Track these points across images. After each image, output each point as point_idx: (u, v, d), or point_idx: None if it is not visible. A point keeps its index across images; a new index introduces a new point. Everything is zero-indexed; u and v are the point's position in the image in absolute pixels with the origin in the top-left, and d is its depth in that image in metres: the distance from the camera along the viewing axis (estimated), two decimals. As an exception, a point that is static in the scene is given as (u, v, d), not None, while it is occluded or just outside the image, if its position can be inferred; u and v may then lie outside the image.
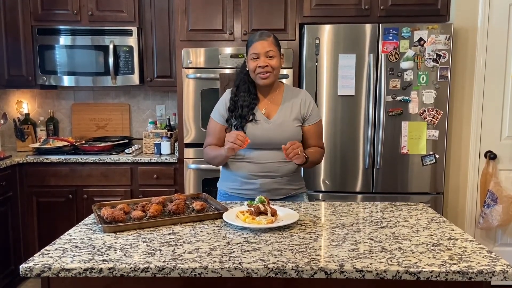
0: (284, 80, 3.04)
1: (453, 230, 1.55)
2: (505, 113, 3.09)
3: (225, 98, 2.05)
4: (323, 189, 3.07)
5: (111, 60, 3.39)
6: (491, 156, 3.08)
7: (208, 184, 3.10)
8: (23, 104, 3.82)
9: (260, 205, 1.59)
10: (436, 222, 1.65)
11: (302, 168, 3.00)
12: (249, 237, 1.47)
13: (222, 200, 2.01)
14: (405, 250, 1.35)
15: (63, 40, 3.42)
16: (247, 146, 1.95)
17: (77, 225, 1.60)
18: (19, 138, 3.60)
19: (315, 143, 2.06)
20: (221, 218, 1.64)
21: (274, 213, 1.59)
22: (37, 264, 1.24)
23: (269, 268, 1.21)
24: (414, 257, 1.29)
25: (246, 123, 1.96)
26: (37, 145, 3.49)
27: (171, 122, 3.72)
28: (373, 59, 2.94)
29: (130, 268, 1.22)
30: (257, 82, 1.98)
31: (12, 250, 3.19)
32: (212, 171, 3.07)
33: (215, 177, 2.21)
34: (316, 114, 2.06)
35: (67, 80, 3.48)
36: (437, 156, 3.00)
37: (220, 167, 2.14)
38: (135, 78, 3.46)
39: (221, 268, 1.22)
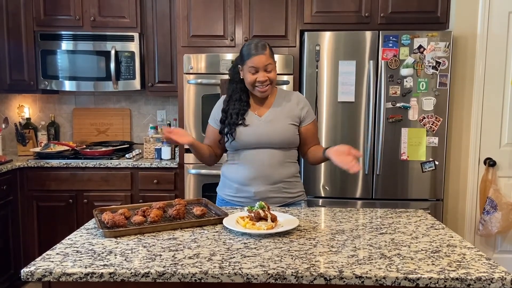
0: (284, 86, 3.06)
1: (452, 237, 1.56)
2: (505, 120, 3.10)
3: (219, 106, 2.08)
4: (323, 195, 3.07)
5: (112, 65, 3.41)
6: (490, 163, 3.08)
7: (208, 189, 3.11)
8: (24, 108, 3.83)
9: (260, 211, 1.59)
10: (435, 229, 1.66)
11: (302, 175, 3.03)
12: (249, 242, 1.47)
13: (221, 206, 2.02)
14: (404, 256, 1.36)
15: (65, 45, 3.45)
16: (241, 147, 1.97)
17: (78, 230, 1.61)
18: (20, 142, 3.61)
19: (315, 141, 2.09)
20: (221, 223, 1.65)
21: (274, 219, 1.60)
22: (38, 269, 1.24)
23: (269, 274, 1.22)
24: (413, 263, 1.30)
25: (235, 130, 1.97)
26: (38, 149, 3.49)
27: (172, 127, 3.73)
28: (373, 65, 2.95)
29: (131, 273, 1.23)
30: (255, 94, 1.99)
31: (12, 254, 3.19)
32: (212, 177, 3.08)
33: (215, 182, 2.22)
34: (311, 114, 2.08)
35: (68, 85, 3.50)
36: (436, 162, 3.01)
37: (220, 173, 2.15)
38: (136, 83, 3.48)
39: (221, 274, 1.22)
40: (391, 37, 2.94)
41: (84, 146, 3.58)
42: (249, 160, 1.98)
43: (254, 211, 1.61)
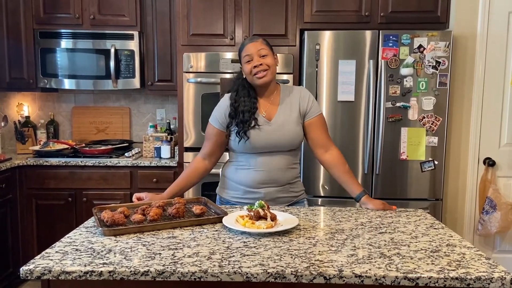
0: (284, 85, 3.05)
1: (452, 237, 1.56)
2: (504, 120, 3.10)
3: (224, 103, 2.02)
4: (322, 194, 3.07)
5: (112, 64, 3.40)
6: (490, 163, 3.09)
7: (208, 188, 3.10)
8: (23, 106, 3.83)
9: (260, 210, 1.59)
10: (435, 228, 1.66)
11: (302, 174, 3.03)
12: (248, 241, 1.47)
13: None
14: (404, 256, 1.36)
15: (65, 43, 3.44)
16: (250, 150, 1.95)
17: (77, 228, 1.61)
18: (19, 140, 3.60)
19: (323, 136, 2.02)
20: (221, 222, 1.64)
21: (273, 218, 1.60)
22: (37, 267, 1.24)
23: (268, 273, 1.22)
24: (413, 263, 1.30)
25: (248, 129, 1.93)
26: (37, 147, 3.49)
27: (171, 126, 3.73)
28: (373, 65, 2.95)
29: (130, 271, 1.22)
30: (256, 83, 1.95)
31: (11, 253, 3.19)
32: (211, 175, 3.05)
33: (214, 181, 2.22)
34: (317, 107, 2.03)
35: (68, 83, 3.49)
36: (436, 162, 3.01)
37: (220, 173, 2.14)
38: (136, 82, 3.47)
39: (221, 272, 1.22)
40: (391, 37, 2.94)
41: (84, 145, 3.57)
42: (258, 165, 1.95)
43: (253, 210, 1.61)
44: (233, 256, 1.33)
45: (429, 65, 2.94)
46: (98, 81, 3.48)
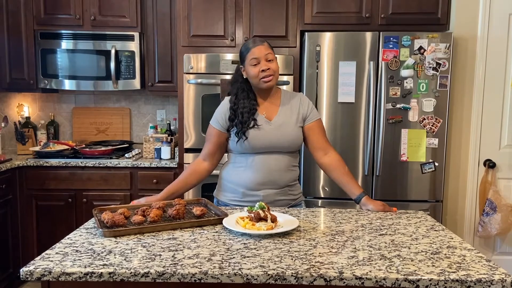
0: (284, 87, 3.06)
1: (452, 239, 1.56)
2: (504, 122, 3.10)
3: (224, 106, 2.03)
4: (322, 196, 3.07)
5: (112, 65, 3.41)
6: (490, 164, 3.09)
7: (208, 189, 3.09)
8: (24, 107, 3.83)
9: (260, 211, 1.59)
10: (435, 230, 1.65)
11: (302, 176, 3.03)
12: (249, 243, 1.47)
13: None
14: (404, 258, 1.36)
15: (65, 44, 3.44)
16: (249, 150, 1.95)
17: (77, 229, 1.61)
18: (19, 141, 3.60)
19: (322, 139, 2.04)
20: (221, 223, 1.64)
21: (274, 219, 1.60)
22: (37, 268, 1.24)
23: (268, 275, 1.22)
24: (413, 265, 1.30)
25: (247, 129, 1.94)
26: (37, 148, 3.49)
27: (172, 127, 3.73)
28: (373, 66, 2.95)
29: (130, 273, 1.22)
30: (261, 87, 1.96)
31: (11, 253, 3.19)
32: (212, 177, 3.05)
33: (215, 183, 2.22)
34: (316, 113, 2.06)
35: (68, 84, 3.50)
36: (436, 164, 3.01)
37: (218, 175, 2.14)
38: (136, 83, 3.48)
39: (221, 274, 1.22)
40: (391, 38, 2.94)
41: (84, 146, 3.57)
42: (257, 165, 1.96)
43: (254, 211, 1.60)
44: (234, 257, 1.33)
45: (430, 67, 2.95)
46: (98, 82, 3.48)
